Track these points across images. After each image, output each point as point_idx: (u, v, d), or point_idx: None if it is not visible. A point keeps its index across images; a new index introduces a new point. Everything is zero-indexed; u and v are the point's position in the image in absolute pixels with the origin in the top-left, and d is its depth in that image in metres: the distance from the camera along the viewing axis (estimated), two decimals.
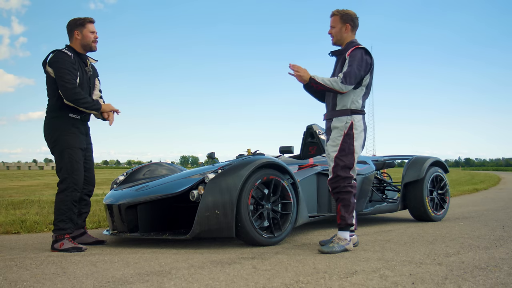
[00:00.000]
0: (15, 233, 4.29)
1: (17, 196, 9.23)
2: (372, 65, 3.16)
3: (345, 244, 3.04)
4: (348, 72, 3.03)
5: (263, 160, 3.32)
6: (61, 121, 3.27)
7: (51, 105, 3.31)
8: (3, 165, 61.61)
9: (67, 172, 3.22)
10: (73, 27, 3.38)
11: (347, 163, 3.10)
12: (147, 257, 2.88)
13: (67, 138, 3.25)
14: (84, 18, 3.39)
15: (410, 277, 2.25)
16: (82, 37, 3.36)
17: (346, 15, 3.21)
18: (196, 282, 2.19)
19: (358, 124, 3.14)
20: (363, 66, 3.08)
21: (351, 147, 3.12)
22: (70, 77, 3.18)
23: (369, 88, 3.22)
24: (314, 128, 4.23)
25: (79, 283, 2.19)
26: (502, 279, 2.20)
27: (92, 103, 3.27)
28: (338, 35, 3.24)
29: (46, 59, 3.29)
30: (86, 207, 3.49)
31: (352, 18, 3.22)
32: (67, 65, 3.20)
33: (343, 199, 3.10)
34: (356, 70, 3.04)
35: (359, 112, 3.16)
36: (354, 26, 3.24)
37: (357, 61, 3.06)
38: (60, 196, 3.22)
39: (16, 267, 2.59)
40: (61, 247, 3.15)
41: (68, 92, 3.15)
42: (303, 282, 2.18)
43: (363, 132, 3.18)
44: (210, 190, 3.13)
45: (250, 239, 3.17)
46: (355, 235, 3.24)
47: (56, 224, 3.20)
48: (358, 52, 3.09)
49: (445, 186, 4.94)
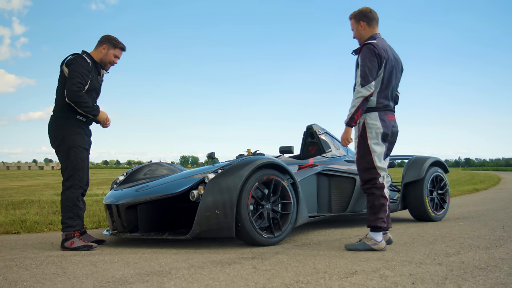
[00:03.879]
0: (15, 233, 4.29)
1: (17, 196, 9.23)
2: (382, 56, 3.07)
3: (371, 244, 3.03)
4: (362, 72, 3.04)
5: (263, 160, 3.32)
6: (69, 121, 3.34)
7: (61, 104, 3.36)
8: (3, 165, 61.65)
9: (73, 170, 3.29)
10: (105, 42, 3.53)
11: (365, 165, 3.11)
12: (147, 257, 2.88)
13: (74, 138, 3.32)
14: (120, 42, 3.58)
15: (410, 277, 2.25)
16: (105, 54, 3.52)
17: (358, 14, 3.26)
18: (196, 282, 2.19)
19: (371, 123, 3.09)
20: (372, 60, 3.04)
21: (366, 147, 3.10)
22: (79, 80, 3.26)
23: (385, 83, 3.13)
24: (314, 128, 4.23)
25: (79, 283, 2.19)
26: (502, 279, 2.20)
27: (92, 108, 3.35)
28: (358, 35, 3.28)
29: (65, 59, 3.38)
30: (83, 206, 3.51)
31: (364, 14, 3.24)
32: (81, 70, 3.30)
33: (368, 201, 3.13)
34: (365, 66, 3.03)
35: (373, 109, 3.11)
36: (369, 21, 3.23)
37: (365, 58, 3.06)
38: (66, 193, 3.28)
39: (16, 267, 2.59)
40: (72, 245, 3.18)
41: (72, 93, 3.23)
42: (303, 282, 2.18)
43: (381, 128, 3.09)
44: (210, 190, 3.13)
45: (250, 239, 3.17)
46: (388, 233, 3.25)
47: (64, 222, 3.25)
48: (364, 49, 3.10)
49: (445, 186, 4.94)
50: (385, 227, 3.11)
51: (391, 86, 3.17)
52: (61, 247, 3.23)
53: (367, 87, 3.01)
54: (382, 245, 3.04)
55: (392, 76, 3.16)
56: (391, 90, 3.19)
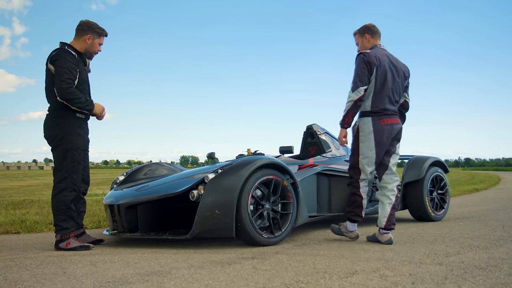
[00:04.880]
0: (15, 233, 4.29)
1: (17, 196, 9.23)
2: (373, 63, 3.34)
3: (344, 232, 3.55)
4: (353, 78, 3.38)
5: (263, 160, 3.32)
6: (68, 121, 3.25)
7: (56, 103, 3.24)
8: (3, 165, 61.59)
9: (68, 172, 3.22)
10: (88, 31, 3.39)
11: (352, 164, 3.49)
12: (147, 257, 2.88)
13: (72, 139, 3.24)
14: (103, 29, 3.46)
15: (410, 277, 2.25)
16: (90, 45, 3.40)
17: (362, 28, 3.60)
18: (196, 282, 2.19)
19: (364, 127, 3.40)
20: (362, 67, 3.34)
21: (357, 149, 3.44)
22: (68, 76, 3.15)
23: (378, 87, 3.37)
24: (314, 128, 4.23)
25: (79, 283, 2.19)
26: (502, 279, 2.20)
27: (86, 103, 3.25)
28: (362, 47, 3.58)
29: (49, 56, 3.26)
30: (83, 206, 3.49)
31: (368, 27, 3.58)
32: (68, 64, 3.18)
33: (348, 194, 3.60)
34: (356, 74, 3.37)
35: (366, 114, 3.41)
36: (373, 34, 3.57)
37: (356, 66, 3.40)
38: (59, 196, 3.21)
39: (16, 267, 2.59)
40: (68, 246, 3.15)
41: (62, 91, 3.13)
42: (303, 282, 2.18)
43: (371, 133, 3.36)
44: (210, 190, 3.13)
45: (250, 239, 3.17)
46: (390, 233, 3.39)
47: (58, 225, 3.19)
48: (357, 58, 3.42)
49: (445, 186, 4.94)
50: (359, 220, 3.49)
51: (387, 90, 3.39)
52: (55, 248, 3.19)
53: (357, 92, 3.33)
54: (352, 234, 3.52)
55: (386, 81, 3.38)
56: (389, 94, 3.41)
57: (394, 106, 3.47)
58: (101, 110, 3.41)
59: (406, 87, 3.62)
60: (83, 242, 3.28)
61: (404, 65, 3.56)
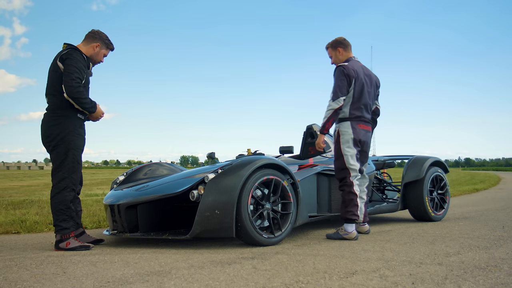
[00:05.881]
0: (15, 233, 4.29)
1: (17, 196, 9.23)
2: (351, 75, 3.62)
3: (343, 234, 3.57)
4: (334, 89, 3.65)
5: (263, 160, 3.32)
6: (70, 120, 3.25)
7: (58, 102, 3.24)
8: (3, 165, 61.55)
9: (68, 172, 3.22)
10: (98, 40, 3.46)
11: (339, 166, 3.70)
12: (147, 257, 2.88)
13: (74, 139, 3.25)
14: (112, 43, 3.55)
15: (410, 277, 2.25)
16: (96, 53, 3.46)
17: (334, 43, 3.85)
18: (196, 282, 2.19)
19: (344, 130, 3.70)
20: (342, 79, 3.62)
21: (339, 151, 3.69)
22: (77, 76, 3.19)
23: (356, 97, 3.68)
24: (314, 128, 4.23)
25: (79, 283, 2.19)
26: (502, 279, 2.20)
27: (90, 104, 3.28)
28: (336, 60, 3.85)
29: (59, 54, 3.28)
30: (79, 205, 3.49)
31: (340, 41, 3.83)
32: (79, 65, 3.23)
33: (341, 197, 3.72)
34: (336, 85, 3.64)
35: (345, 119, 3.71)
36: (345, 47, 3.83)
37: (336, 77, 3.66)
38: (58, 196, 3.20)
39: (16, 267, 2.59)
40: (68, 246, 3.15)
41: (72, 89, 3.14)
42: (303, 282, 2.18)
43: (351, 134, 3.67)
44: (210, 190, 3.13)
45: (250, 239, 3.17)
46: (367, 224, 3.89)
47: (58, 225, 3.18)
48: (336, 70, 3.69)
49: (445, 186, 4.94)
50: (356, 220, 3.58)
51: (363, 100, 3.73)
52: (55, 248, 3.19)
53: (337, 101, 3.61)
54: (352, 235, 3.55)
55: (363, 92, 3.71)
56: (365, 103, 3.75)
57: (369, 114, 3.85)
58: (100, 114, 3.44)
59: (377, 96, 4.00)
60: (83, 242, 3.28)
61: (375, 76, 3.94)
